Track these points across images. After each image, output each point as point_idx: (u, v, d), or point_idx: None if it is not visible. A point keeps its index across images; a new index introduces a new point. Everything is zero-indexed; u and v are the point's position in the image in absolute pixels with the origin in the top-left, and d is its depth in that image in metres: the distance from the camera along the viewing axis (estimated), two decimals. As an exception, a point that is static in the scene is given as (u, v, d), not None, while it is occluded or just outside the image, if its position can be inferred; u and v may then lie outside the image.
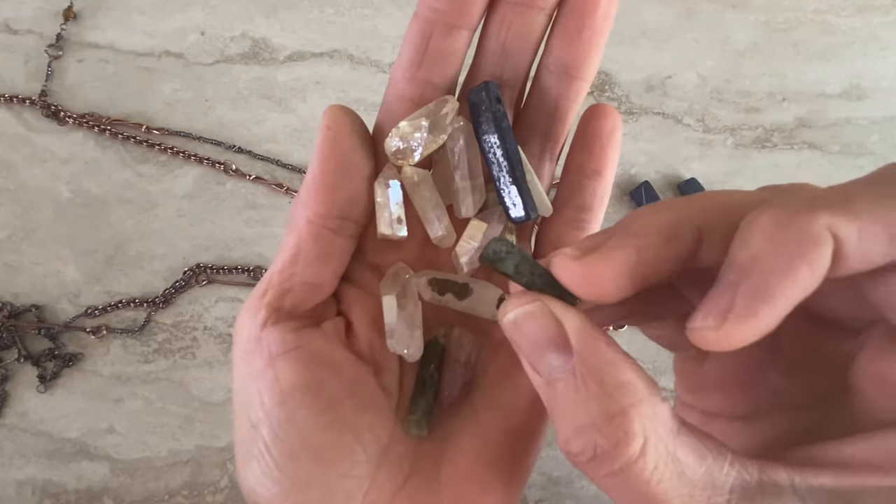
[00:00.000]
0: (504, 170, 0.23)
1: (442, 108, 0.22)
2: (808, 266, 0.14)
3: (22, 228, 0.43)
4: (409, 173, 0.23)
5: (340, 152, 0.21)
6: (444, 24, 0.21)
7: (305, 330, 0.22)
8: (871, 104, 0.46)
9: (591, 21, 0.21)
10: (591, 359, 0.16)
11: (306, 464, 0.20)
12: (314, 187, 0.21)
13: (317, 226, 0.21)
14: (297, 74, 0.45)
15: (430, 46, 0.21)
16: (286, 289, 0.22)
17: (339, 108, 0.22)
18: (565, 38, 0.22)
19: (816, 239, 0.14)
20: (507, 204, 0.23)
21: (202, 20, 0.45)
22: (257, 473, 0.21)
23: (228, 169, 0.43)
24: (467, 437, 0.23)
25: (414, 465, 0.22)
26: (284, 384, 0.21)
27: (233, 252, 0.43)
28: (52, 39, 0.44)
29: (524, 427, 0.22)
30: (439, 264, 0.24)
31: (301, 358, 0.21)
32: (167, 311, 0.43)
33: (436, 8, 0.21)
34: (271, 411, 0.21)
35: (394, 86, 0.23)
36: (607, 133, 0.23)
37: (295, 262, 0.22)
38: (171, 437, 0.41)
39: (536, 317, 0.17)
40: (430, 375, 0.23)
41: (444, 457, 0.22)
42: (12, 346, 0.41)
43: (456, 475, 0.22)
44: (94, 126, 0.43)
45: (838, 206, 0.14)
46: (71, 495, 0.41)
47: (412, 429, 0.23)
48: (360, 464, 0.21)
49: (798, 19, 0.46)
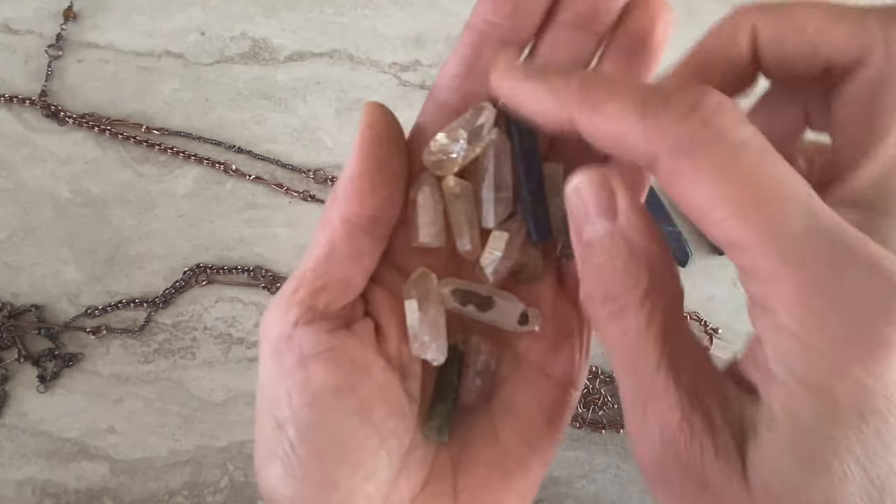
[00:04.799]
0: (525, 189, 0.23)
1: (478, 118, 0.22)
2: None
3: (22, 228, 0.43)
4: (451, 184, 0.23)
5: (380, 152, 0.21)
6: (498, 38, 0.21)
7: (338, 331, 0.21)
8: (871, 104, 0.46)
9: (648, 47, 0.21)
10: (629, 228, 0.18)
11: (332, 466, 0.20)
12: (353, 186, 0.21)
13: (351, 224, 0.21)
14: (297, 74, 0.45)
15: (482, 60, 0.21)
16: (319, 286, 0.21)
17: (379, 106, 0.21)
18: (618, 62, 0.22)
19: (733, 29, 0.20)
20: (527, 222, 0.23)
21: (202, 20, 0.45)
22: (280, 473, 0.21)
23: (228, 169, 0.43)
24: (484, 446, 0.23)
25: (432, 473, 0.23)
26: (316, 385, 0.20)
27: (233, 252, 0.43)
28: (52, 39, 0.44)
29: (540, 439, 0.23)
30: (466, 272, 0.24)
31: (334, 359, 0.21)
32: (167, 311, 0.43)
33: (492, 22, 0.21)
34: (299, 411, 0.20)
35: (438, 93, 0.22)
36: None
37: (329, 259, 0.21)
38: (171, 437, 0.41)
39: (598, 185, 0.18)
40: (449, 381, 0.23)
41: (461, 465, 0.23)
42: (12, 346, 0.41)
43: (472, 485, 0.22)
44: (94, 126, 0.43)
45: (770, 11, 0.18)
46: (71, 495, 0.41)
47: (433, 435, 0.22)
48: (383, 468, 0.21)
49: (798, 19, 0.46)
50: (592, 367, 0.43)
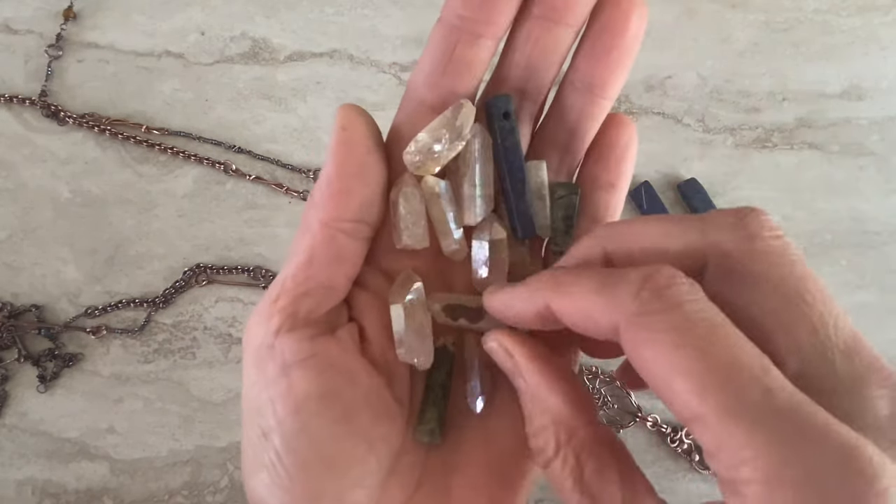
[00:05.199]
0: (508, 186, 0.23)
1: (458, 115, 0.21)
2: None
3: (22, 228, 0.43)
4: (430, 184, 0.22)
5: (356, 155, 0.21)
6: (470, 33, 0.21)
7: (321, 338, 0.21)
8: (871, 104, 0.46)
9: (621, 42, 0.21)
10: (531, 385, 0.20)
11: (318, 474, 0.20)
12: (329, 190, 0.21)
13: (331, 228, 0.21)
14: (297, 74, 0.45)
15: (455, 55, 0.21)
16: (301, 293, 0.21)
17: (353, 108, 0.21)
18: (593, 56, 0.22)
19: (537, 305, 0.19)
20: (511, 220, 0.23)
21: (202, 20, 0.45)
22: (267, 483, 0.20)
23: (228, 169, 0.43)
24: (477, 447, 0.23)
25: (424, 476, 0.22)
26: (299, 393, 0.20)
27: (233, 252, 0.43)
28: (52, 39, 0.44)
29: None
30: (451, 273, 0.24)
31: (317, 367, 0.21)
32: (167, 311, 0.43)
33: (462, 16, 0.21)
34: (284, 420, 0.20)
35: (414, 92, 0.22)
36: (623, 145, 0.23)
37: (310, 265, 0.21)
38: (171, 437, 0.41)
39: (496, 351, 0.21)
40: (441, 384, 0.23)
41: (454, 467, 0.22)
42: (12, 346, 0.41)
43: (465, 486, 0.22)
44: (94, 126, 0.43)
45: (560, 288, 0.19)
46: (71, 495, 0.41)
47: (425, 437, 0.22)
48: (372, 474, 0.21)
49: (798, 19, 0.46)
50: (592, 368, 0.43)
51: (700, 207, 0.43)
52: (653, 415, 0.42)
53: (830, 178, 0.45)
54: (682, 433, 0.42)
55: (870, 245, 0.45)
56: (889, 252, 0.45)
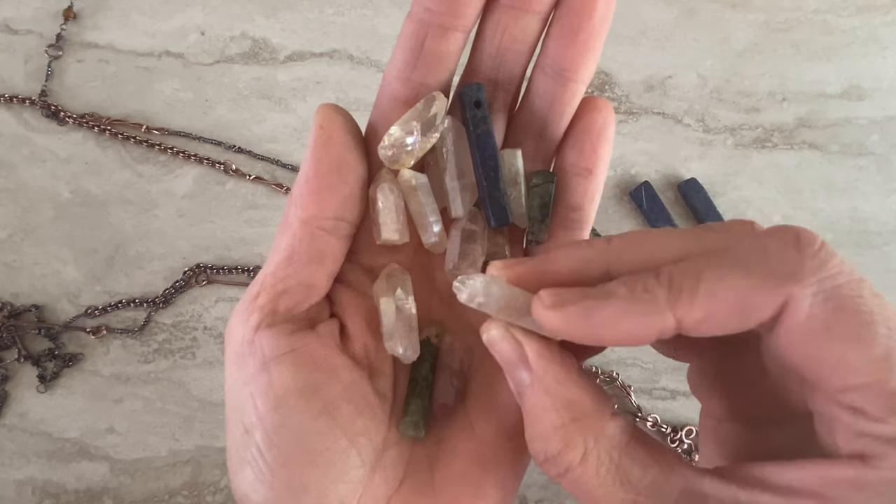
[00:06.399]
0: (481, 175, 0.22)
1: (431, 108, 0.21)
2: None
3: (22, 228, 0.43)
4: (406, 177, 0.22)
5: (335, 152, 0.21)
6: (439, 26, 0.21)
7: (300, 333, 0.21)
8: (871, 104, 0.46)
9: (588, 23, 0.21)
10: (544, 378, 0.19)
11: (301, 469, 0.20)
12: (308, 188, 0.21)
13: (311, 226, 0.21)
14: (297, 74, 0.45)
15: (425, 48, 0.21)
16: (280, 291, 0.21)
17: (331, 107, 0.22)
18: (561, 40, 0.22)
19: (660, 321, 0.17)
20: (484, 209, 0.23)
21: (202, 20, 0.45)
22: (250, 479, 0.21)
23: (228, 169, 0.43)
24: (461, 439, 0.22)
25: (408, 469, 0.22)
26: (279, 388, 0.20)
27: (233, 252, 0.43)
28: (52, 39, 0.44)
29: (517, 429, 0.22)
30: (432, 267, 0.24)
31: (296, 362, 0.21)
32: (167, 311, 0.43)
33: (430, 9, 0.21)
34: (265, 416, 0.20)
35: (387, 87, 0.22)
36: (598, 128, 0.23)
37: (289, 262, 0.21)
38: (171, 437, 0.41)
39: (504, 339, 0.20)
40: (424, 377, 0.23)
41: (438, 460, 0.22)
42: (12, 346, 0.41)
43: (450, 478, 0.22)
44: (94, 126, 0.43)
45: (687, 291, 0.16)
46: (71, 495, 0.41)
47: (409, 431, 0.22)
48: (354, 469, 0.21)
49: (798, 19, 0.46)
50: (592, 367, 0.43)
51: (700, 207, 0.43)
52: (653, 415, 0.42)
53: (830, 178, 0.45)
54: (682, 433, 0.42)
55: (870, 245, 0.45)
56: (889, 252, 0.45)
